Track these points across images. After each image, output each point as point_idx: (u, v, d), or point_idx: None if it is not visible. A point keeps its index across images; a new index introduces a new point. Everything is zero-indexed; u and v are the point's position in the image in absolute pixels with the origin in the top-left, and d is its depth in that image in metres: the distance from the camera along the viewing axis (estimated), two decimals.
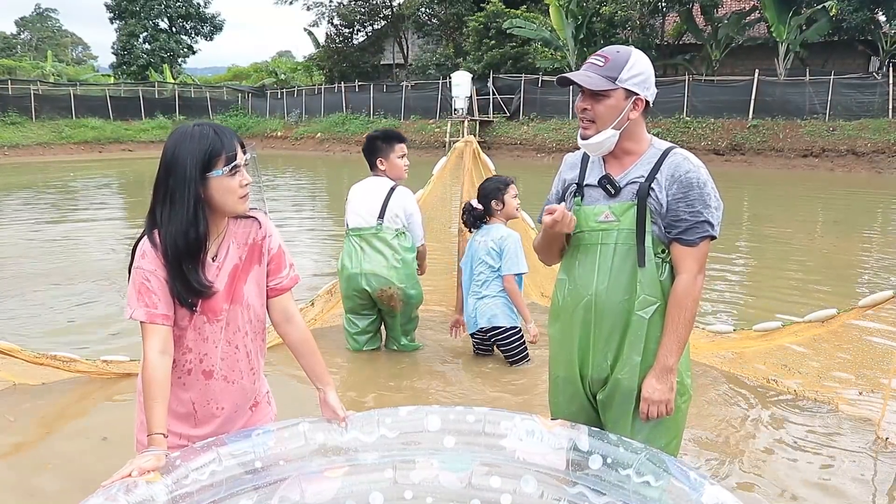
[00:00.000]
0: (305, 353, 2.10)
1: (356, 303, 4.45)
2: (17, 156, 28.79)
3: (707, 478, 1.80)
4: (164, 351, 1.85)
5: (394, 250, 4.28)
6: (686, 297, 2.04)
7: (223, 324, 1.97)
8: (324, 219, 12.36)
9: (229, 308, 1.97)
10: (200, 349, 1.97)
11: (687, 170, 2.04)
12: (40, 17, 68.85)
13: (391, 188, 4.35)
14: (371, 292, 4.32)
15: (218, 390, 2.02)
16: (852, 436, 3.44)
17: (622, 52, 2.06)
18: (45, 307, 5.99)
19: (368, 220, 4.31)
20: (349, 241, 4.38)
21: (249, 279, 2.00)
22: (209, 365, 1.99)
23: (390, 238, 4.29)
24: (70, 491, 2.78)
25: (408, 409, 2.18)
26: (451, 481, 2.09)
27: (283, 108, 36.62)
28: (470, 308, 4.38)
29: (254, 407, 2.16)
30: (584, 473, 1.98)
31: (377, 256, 4.27)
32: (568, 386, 2.25)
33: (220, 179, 1.83)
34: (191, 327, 1.94)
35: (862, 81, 21.55)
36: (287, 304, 2.09)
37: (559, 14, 25.64)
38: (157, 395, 1.82)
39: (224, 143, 1.83)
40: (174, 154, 1.82)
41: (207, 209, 1.86)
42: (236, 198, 1.87)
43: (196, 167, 1.80)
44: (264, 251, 2.03)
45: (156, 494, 1.72)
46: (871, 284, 6.85)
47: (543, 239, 2.24)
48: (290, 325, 2.09)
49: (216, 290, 1.92)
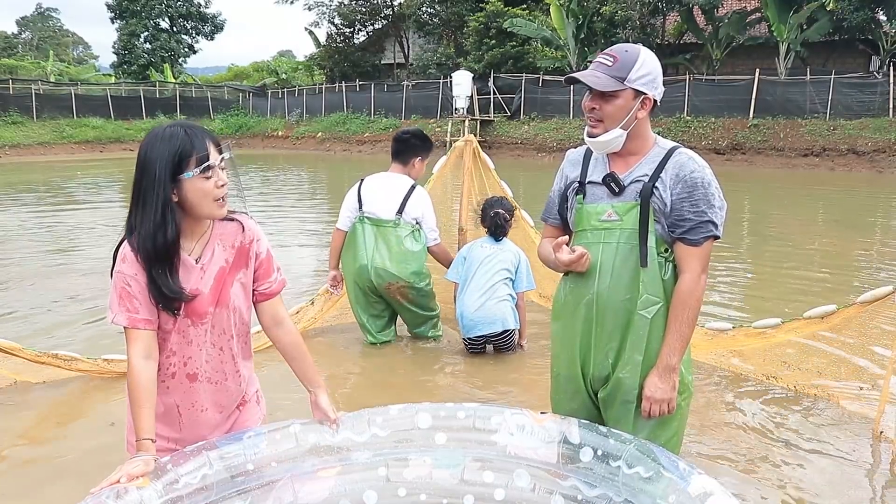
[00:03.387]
0: (296, 356, 2.09)
1: (363, 292, 4.47)
2: (19, 155, 28.81)
3: (695, 467, 1.80)
4: (148, 356, 1.83)
5: (406, 247, 4.36)
6: (690, 296, 2.04)
7: (208, 326, 1.94)
8: (324, 217, 12.35)
9: (215, 311, 1.93)
10: (185, 352, 1.94)
11: (692, 169, 2.03)
12: (41, 16, 68.94)
13: (412, 186, 4.44)
14: (378, 286, 4.36)
15: (202, 392, 1.99)
16: (851, 431, 3.43)
17: (631, 52, 2.04)
18: (47, 305, 5.99)
19: (387, 213, 4.37)
20: (362, 227, 4.39)
21: (236, 282, 1.97)
22: (193, 368, 1.96)
23: (405, 234, 4.37)
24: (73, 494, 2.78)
25: (398, 407, 2.19)
26: (444, 478, 2.09)
27: (283, 108, 36.66)
28: (476, 308, 4.29)
29: (241, 406, 2.13)
30: (575, 466, 1.99)
31: (389, 251, 4.33)
32: (569, 384, 2.25)
33: (193, 181, 1.77)
34: (175, 330, 1.90)
35: (862, 81, 21.55)
36: (277, 309, 2.07)
37: (560, 13, 25.65)
38: (144, 400, 1.80)
39: (195, 144, 1.77)
40: (146, 156, 1.78)
41: (181, 212, 1.81)
42: (211, 200, 1.81)
43: (165, 169, 1.75)
44: (251, 255, 1.99)
45: (147, 499, 1.71)
46: (871, 281, 6.84)
47: (549, 256, 2.22)
48: (280, 329, 2.08)
49: (195, 294, 1.88)
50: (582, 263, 2.08)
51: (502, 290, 4.31)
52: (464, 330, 4.41)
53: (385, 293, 4.42)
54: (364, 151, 29.89)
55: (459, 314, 4.40)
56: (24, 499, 2.92)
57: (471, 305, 4.31)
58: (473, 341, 4.42)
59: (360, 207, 4.43)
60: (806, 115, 21.86)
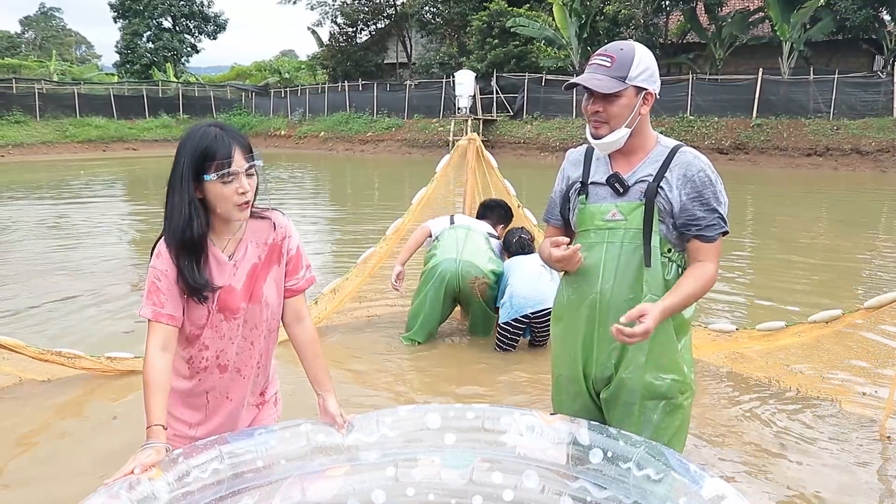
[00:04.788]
0: (310, 356, 2.12)
1: (443, 291, 4.70)
2: (22, 154, 28.86)
3: (707, 470, 1.79)
4: (165, 348, 1.88)
5: (492, 248, 4.81)
6: (709, 281, 2.04)
7: (241, 321, 1.99)
8: (327, 216, 12.36)
9: (247, 307, 1.98)
10: (217, 346, 1.99)
11: (700, 168, 2.03)
12: (45, 16, 68.96)
13: (494, 237, 4.95)
14: (465, 277, 4.63)
15: (230, 381, 2.06)
16: (856, 435, 3.43)
17: (626, 49, 2.03)
18: (51, 304, 6.00)
19: (478, 227, 4.89)
20: (454, 230, 4.79)
21: (269, 278, 2.01)
22: (225, 360, 2.02)
23: (492, 244, 4.84)
24: (77, 488, 2.79)
25: (407, 408, 2.19)
26: (453, 478, 2.09)
27: (286, 107, 36.71)
28: (529, 288, 4.47)
29: (260, 405, 2.18)
30: (584, 468, 1.98)
31: (478, 250, 4.72)
32: (571, 385, 2.23)
33: (213, 185, 1.82)
34: (208, 325, 1.96)
35: (866, 80, 21.53)
36: (300, 306, 2.11)
37: (563, 13, 25.63)
38: (156, 388, 1.84)
39: (219, 149, 1.80)
40: (178, 151, 1.85)
41: (205, 210, 1.87)
42: (231, 204, 1.85)
43: (189, 167, 1.81)
44: (283, 251, 2.04)
45: (158, 492, 1.72)
46: (876, 284, 6.84)
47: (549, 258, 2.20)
48: (300, 325, 2.11)
49: (225, 290, 1.93)
50: (573, 261, 2.07)
51: (548, 275, 4.49)
52: (512, 311, 4.48)
53: (466, 287, 4.68)
54: (367, 151, 29.92)
55: (508, 297, 4.52)
56: (28, 493, 2.94)
57: (522, 287, 4.50)
58: (515, 325, 4.51)
59: (451, 223, 4.90)
60: (809, 114, 21.84)
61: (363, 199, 15.45)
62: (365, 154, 29.50)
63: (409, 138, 29.32)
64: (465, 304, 4.90)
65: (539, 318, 4.49)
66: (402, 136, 29.76)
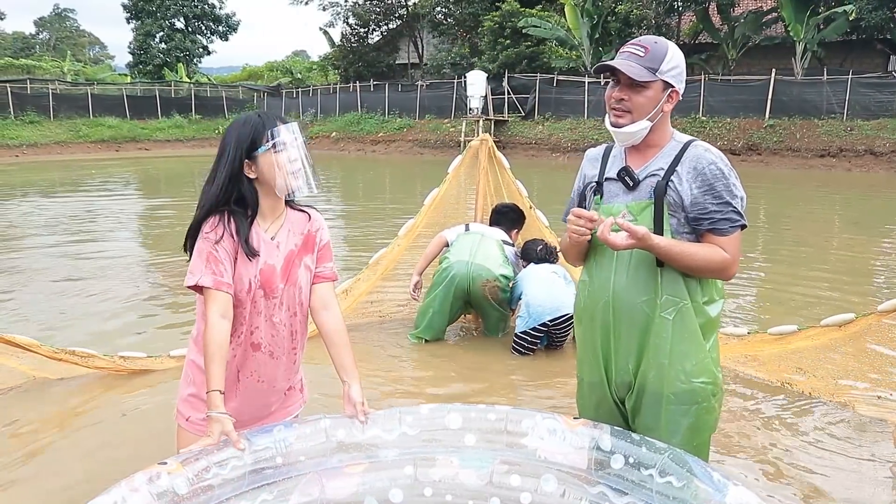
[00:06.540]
0: (338, 342, 2.17)
1: (453, 293, 4.72)
2: (36, 154, 29.09)
3: (731, 478, 1.76)
4: (224, 315, 1.98)
5: (504, 254, 4.81)
6: (714, 256, 1.97)
7: (278, 302, 2.09)
8: (338, 217, 12.40)
9: (285, 288, 2.10)
10: (253, 322, 2.08)
11: (710, 161, 2.00)
12: (58, 17, 69.43)
13: (509, 244, 4.96)
14: (475, 279, 4.65)
15: (262, 362, 2.12)
16: (870, 438, 3.42)
17: (660, 43, 2.01)
18: (65, 303, 6.06)
19: (491, 234, 4.91)
20: (468, 235, 4.85)
21: (303, 264, 2.15)
22: (258, 338, 2.10)
23: (506, 250, 4.84)
24: (84, 485, 2.83)
25: (429, 406, 2.20)
26: (471, 479, 2.09)
27: (298, 108, 36.81)
28: (544, 296, 4.48)
29: (288, 391, 2.25)
30: (605, 473, 1.96)
31: (490, 254, 4.74)
32: (593, 391, 2.19)
33: (266, 156, 1.98)
34: (248, 299, 2.05)
35: (880, 80, 21.34)
36: (326, 293, 2.21)
37: (574, 13, 25.59)
38: (216, 354, 1.93)
39: (266, 124, 1.99)
40: (224, 141, 2.03)
41: (260, 188, 2.03)
42: (285, 173, 1.99)
43: (241, 148, 1.98)
44: (317, 241, 2.20)
45: (178, 486, 1.75)
46: (891, 286, 6.80)
47: (569, 242, 2.17)
48: (327, 312, 2.19)
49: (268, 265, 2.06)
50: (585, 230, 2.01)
51: (561, 280, 4.53)
52: (530, 320, 4.47)
53: (477, 290, 4.69)
54: (378, 151, 29.97)
55: (525, 306, 4.53)
56: (40, 490, 2.97)
57: (537, 295, 4.49)
58: (534, 334, 4.49)
59: (466, 229, 4.96)
60: (823, 115, 21.69)
61: (374, 199, 15.49)
62: (376, 154, 29.54)
63: (421, 139, 29.35)
64: (478, 306, 4.92)
65: (557, 326, 4.47)
66: (413, 137, 29.79)
